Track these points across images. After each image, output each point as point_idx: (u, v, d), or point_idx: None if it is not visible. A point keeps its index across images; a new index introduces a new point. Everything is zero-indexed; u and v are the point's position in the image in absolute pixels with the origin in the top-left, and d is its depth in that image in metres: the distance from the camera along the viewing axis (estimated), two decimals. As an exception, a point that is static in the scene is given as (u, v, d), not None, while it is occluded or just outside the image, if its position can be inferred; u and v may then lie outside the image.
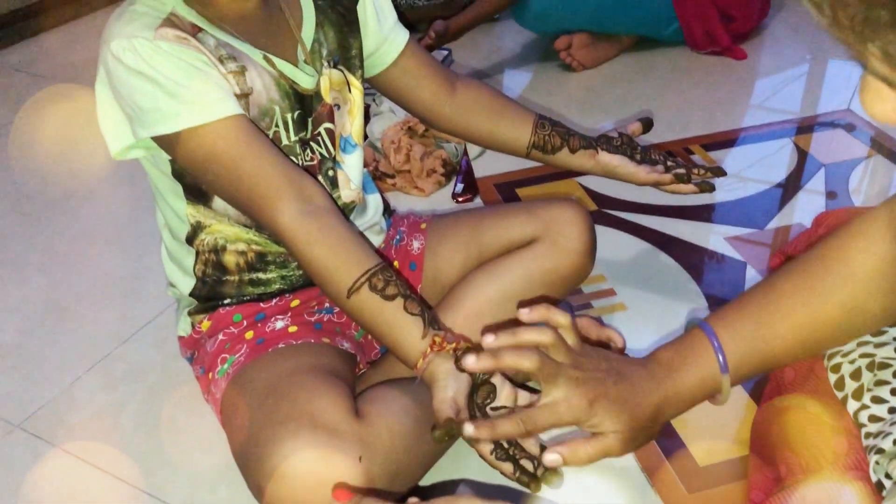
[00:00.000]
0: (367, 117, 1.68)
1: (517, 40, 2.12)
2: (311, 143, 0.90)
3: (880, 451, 0.67)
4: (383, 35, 0.95)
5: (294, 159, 0.88)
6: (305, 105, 0.87)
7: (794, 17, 2.18)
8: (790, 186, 1.48)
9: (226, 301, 0.95)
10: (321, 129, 0.90)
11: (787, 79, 1.91)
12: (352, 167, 0.94)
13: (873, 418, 0.71)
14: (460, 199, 1.49)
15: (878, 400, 0.71)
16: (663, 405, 0.70)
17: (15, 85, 2.07)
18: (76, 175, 1.64)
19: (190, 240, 0.92)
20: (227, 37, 0.81)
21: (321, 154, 0.91)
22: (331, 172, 0.92)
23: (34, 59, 2.20)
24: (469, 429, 0.66)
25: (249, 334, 0.93)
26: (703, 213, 1.40)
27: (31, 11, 2.30)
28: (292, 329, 0.93)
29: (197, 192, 0.88)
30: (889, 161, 1.54)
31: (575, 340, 0.69)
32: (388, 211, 1.06)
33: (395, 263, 1.04)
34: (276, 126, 0.85)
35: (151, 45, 0.76)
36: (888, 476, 0.65)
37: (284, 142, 0.87)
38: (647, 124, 1.04)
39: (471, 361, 0.65)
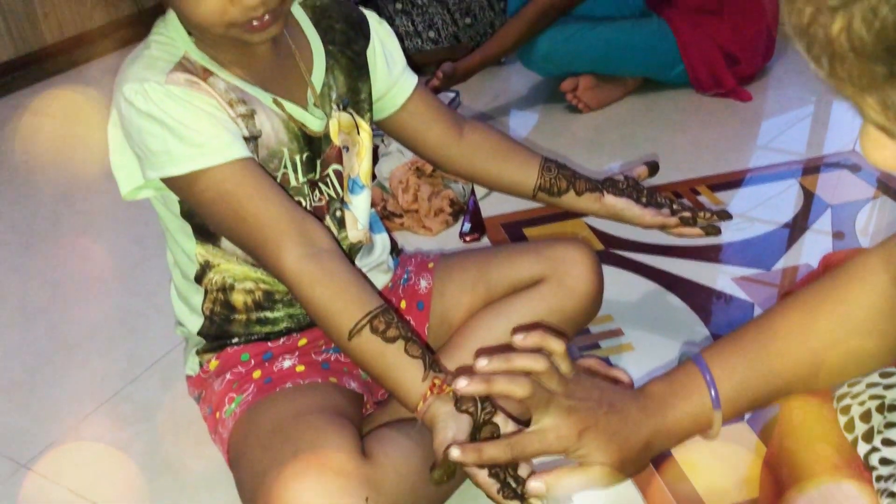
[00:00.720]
0: (375, 158, 1.69)
1: (524, 82, 2.14)
2: (320, 185, 0.91)
3: (892, 494, 0.66)
4: (392, 79, 0.96)
5: (302, 200, 0.89)
6: (314, 147, 0.89)
7: (798, 59, 2.19)
8: (797, 227, 1.48)
9: (234, 340, 0.95)
10: (330, 171, 0.91)
11: (792, 120, 1.93)
12: (359, 208, 0.95)
13: (884, 461, 0.70)
14: (468, 239, 1.50)
15: (888, 442, 0.71)
16: (653, 439, 0.70)
17: (27, 126, 2.10)
18: (87, 214, 1.65)
19: (199, 279, 0.93)
20: (237, 80, 0.83)
21: (329, 195, 0.92)
22: (338, 213, 0.93)
23: (46, 101, 2.23)
24: (455, 452, 0.66)
25: (257, 373, 0.93)
26: (710, 254, 1.40)
27: (42, 55, 2.34)
28: (300, 368, 0.93)
29: (206, 232, 0.89)
30: (894, 202, 1.54)
31: (568, 367, 0.70)
32: (395, 250, 1.07)
33: (403, 303, 1.04)
34: (285, 167, 0.86)
35: (163, 89, 0.77)
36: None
37: (293, 183, 0.88)
38: (653, 168, 1.05)
39: (462, 384, 0.66)
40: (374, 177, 1.67)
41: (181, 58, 0.80)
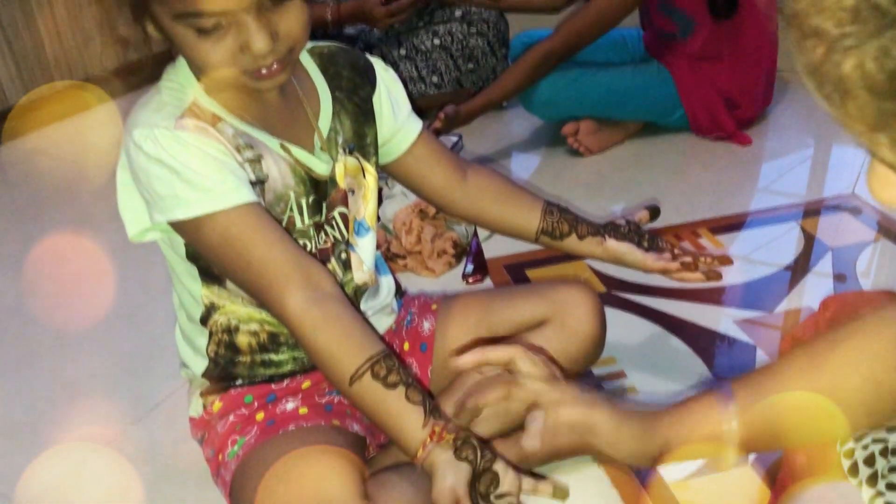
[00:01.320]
0: (379, 200, 1.71)
1: (525, 126, 2.17)
2: (326, 227, 0.92)
3: (897, 539, 0.66)
4: (398, 125, 0.98)
5: (308, 242, 0.89)
6: (320, 190, 0.90)
7: (797, 103, 2.23)
8: (798, 269, 1.49)
9: (238, 382, 0.95)
10: (335, 213, 0.92)
11: (792, 163, 1.94)
12: (365, 250, 0.96)
13: (889, 506, 0.70)
14: (470, 280, 1.50)
15: (893, 487, 0.71)
16: (665, 456, 0.70)
17: (36, 168, 2.12)
18: (92, 255, 1.66)
19: (204, 320, 0.93)
20: (245, 126, 0.84)
21: (335, 237, 0.93)
22: (343, 255, 0.94)
23: (52, 144, 2.26)
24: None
25: (260, 416, 0.93)
26: (712, 296, 1.41)
27: (50, 98, 2.38)
28: (303, 411, 0.93)
29: (212, 274, 0.90)
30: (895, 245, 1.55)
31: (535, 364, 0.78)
32: (399, 292, 1.08)
33: (406, 345, 1.05)
34: (291, 211, 0.88)
35: (171, 134, 0.79)
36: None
37: (299, 226, 0.89)
38: (654, 212, 1.07)
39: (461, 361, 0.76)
40: (378, 218, 1.68)
41: (191, 104, 0.82)
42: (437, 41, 2.14)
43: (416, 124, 1.00)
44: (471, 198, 1.03)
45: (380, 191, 1.67)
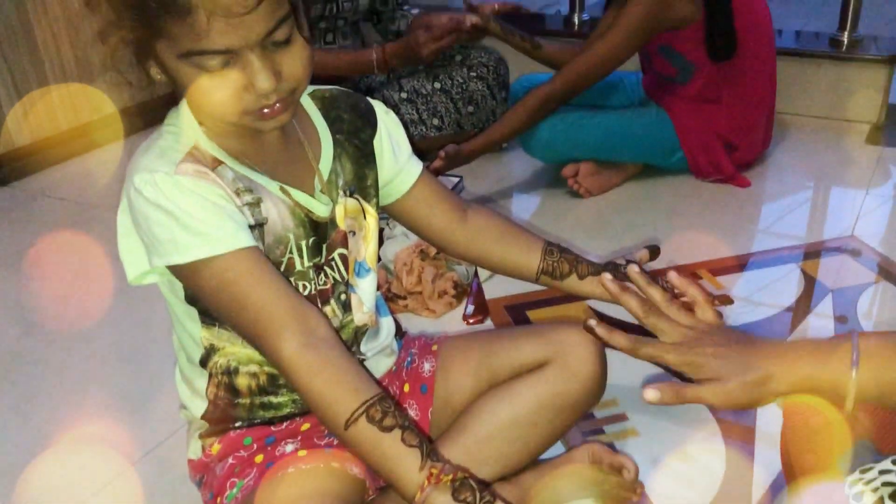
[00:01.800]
0: (380, 240, 1.71)
1: (526, 168, 2.18)
2: (325, 268, 0.92)
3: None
4: (399, 167, 0.99)
5: (307, 284, 0.90)
6: (320, 232, 0.90)
7: (797, 145, 2.25)
8: (799, 311, 1.49)
9: (237, 424, 0.95)
10: (335, 255, 0.93)
11: (792, 205, 1.95)
12: (365, 291, 0.96)
13: (897, 549, 0.69)
14: (471, 321, 1.50)
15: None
16: (776, 373, 0.70)
17: (38, 209, 2.13)
18: (92, 296, 1.66)
19: (203, 362, 0.93)
20: (245, 169, 0.85)
21: (334, 278, 0.93)
22: (343, 296, 0.94)
23: (56, 185, 2.27)
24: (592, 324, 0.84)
25: (259, 458, 0.92)
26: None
27: (53, 141, 2.40)
28: (302, 453, 0.92)
29: (211, 316, 0.90)
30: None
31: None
32: (399, 333, 1.07)
33: (406, 386, 1.04)
34: (291, 253, 0.88)
35: (171, 179, 0.80)
36: None
37: (298, 267, 0.89)
38: (654, 252, 1.06)
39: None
40: (378, 259, 1.68)
41: (191, 148, 0.83)
42: (437, 84, 2.17)
43: (417, 166, 1.01)
44: (471, 238, 1.03)
45: (381, 231, 1.69)
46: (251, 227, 0.84)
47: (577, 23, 2.78)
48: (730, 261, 1.68)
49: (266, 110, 0.79)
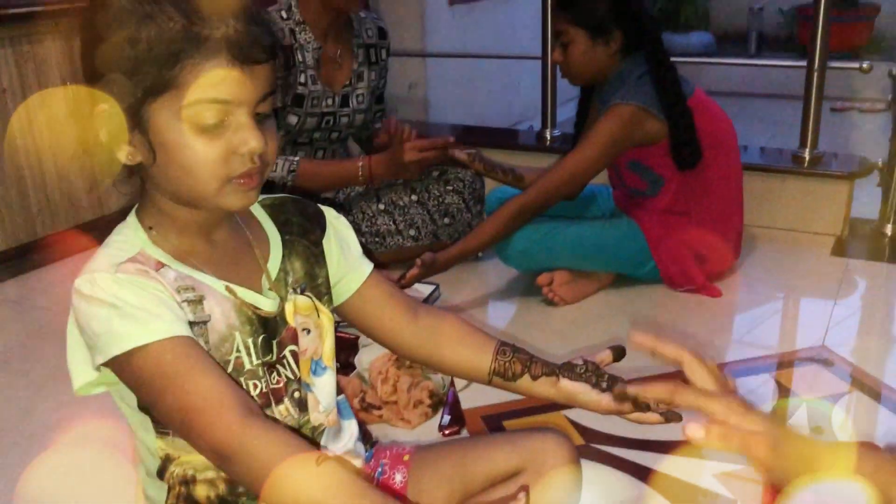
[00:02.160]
0: (356, 348, 1.70)
1: (501, 276, 2.20)
2: (277, 367, 0.91)
3: None
4: (348, 266, 1.00)
5: (258, 383, 0.89)
6: (270, 328, 0.90)
7: (766, 257, 2.30)
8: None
9: (200, 537, 0.91)
10: (286, 352, 0.92)
11: (763, 315, 1.98)
12: (322, 390, 0.95)
13: None
14: (447, 432, 1.48)
15: None
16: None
17: (12, 317, 2.11)
18: (64, 406, 1.62)
19: (161, 473, 0.91)
20: (189, 270, 0.86)
21: (287, 376, 0.92)
22: (297, 394, 0.93)
23: (31, 292, 2.25)
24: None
25: (224, 573, 0.88)
26: (691, 449, 1.39)
27: (29, 247, 2.40)
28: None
29: (164, 424, 0.88)
30: (869, 397, 1.56)
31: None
32: (369, 442, 1.05)
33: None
34: (238, 351, 0.87)
35: (111, 276, 0.81)
36: None
37: (247, 366, 0.88)
38: (619, 352, 1.05)
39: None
40: (353, 367, 1.67)
41: (136, 253, 0.84)
42: (414, 197, 2.21)
43: (367, 266, 1.02)
44: (421, 338, 1.03)
45: (356, 339, 1.68)
46: (192, 324, 0.83)
47: (548, 138, 2.88)
48: (704, 370, 1.68)
49: (243, 180, 0.81)
